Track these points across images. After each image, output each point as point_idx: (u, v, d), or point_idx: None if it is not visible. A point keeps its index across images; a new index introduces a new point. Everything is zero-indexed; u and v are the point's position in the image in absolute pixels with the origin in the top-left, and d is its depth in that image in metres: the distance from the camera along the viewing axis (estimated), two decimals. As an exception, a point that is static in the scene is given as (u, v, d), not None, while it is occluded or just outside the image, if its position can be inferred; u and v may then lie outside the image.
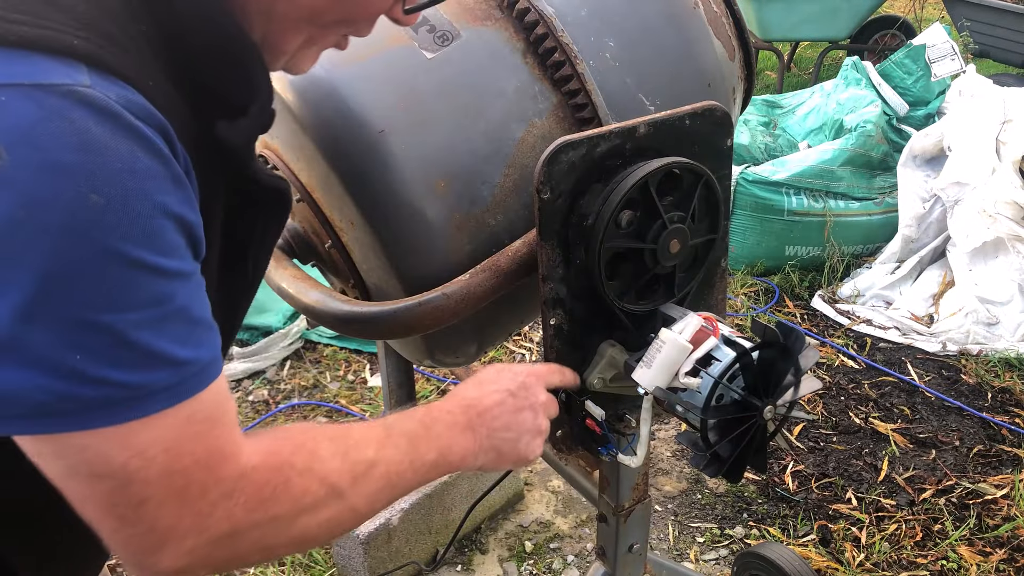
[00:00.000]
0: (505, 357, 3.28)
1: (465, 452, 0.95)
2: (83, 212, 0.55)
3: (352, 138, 1.12)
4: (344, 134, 1.12)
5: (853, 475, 2.68)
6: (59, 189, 0.55)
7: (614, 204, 1.05)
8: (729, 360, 1.00)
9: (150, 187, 0.59)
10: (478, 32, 1.19)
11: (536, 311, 1.30)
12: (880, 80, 4.24)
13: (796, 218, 3.69)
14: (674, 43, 1.27)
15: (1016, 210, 3.30)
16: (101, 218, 0.56)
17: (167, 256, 0.61)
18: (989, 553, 2.37)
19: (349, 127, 1.12)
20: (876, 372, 3.20)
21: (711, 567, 2.37)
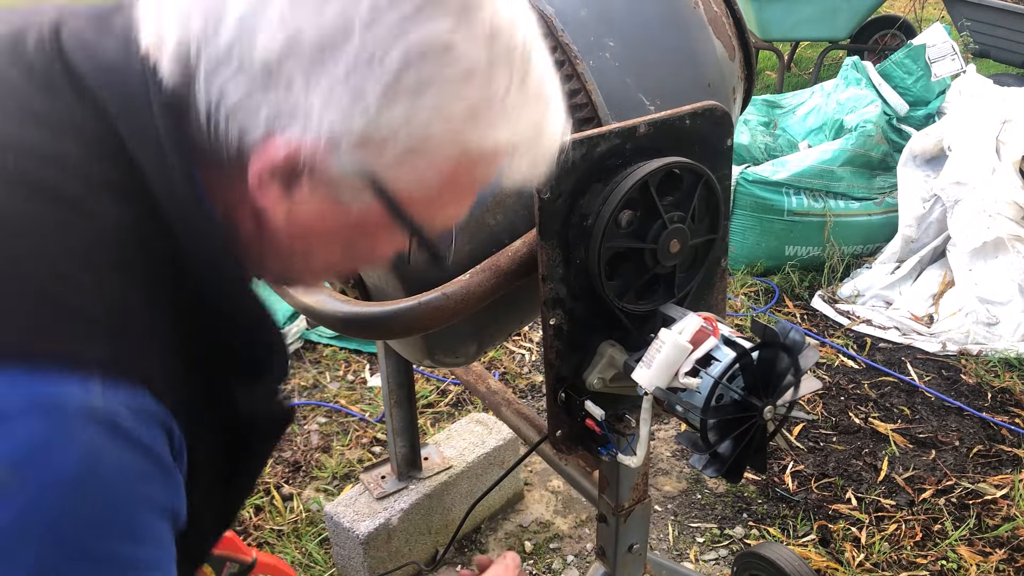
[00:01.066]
0: (505, 357, 3.28)
1: None
2: (76, 521, 0.58)
3: (352, 138, 1.11)
4: (344, 134, 1.12)
5: (853, 475, 2.68)
6: (57, 502, 0.57)
7: (614, 204, 1.05)
8: (729, 360, 1.00)
9: (144, 490, 0.62)
10: (478, 32, 1.19)
11: (536, 311, 1.30)
12: (880, 80, 4.24)
13: (796, 218, 3.69)
14: (674, 43, 1.27)
15: (1016, 210, 3.30)
16: (93, 525, 0.59)
17: (149, 545, 0.63)
18: (989, 553, 2.37)
19: (349, 127, 1.12)
20: (876, 372, 3.20)
21: (711, 567, 2.37)
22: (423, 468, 2.32)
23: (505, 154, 0.69)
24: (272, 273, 0.79)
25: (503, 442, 2.47)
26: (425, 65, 0.61)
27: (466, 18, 0.62)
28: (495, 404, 1.94)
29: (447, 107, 0.63)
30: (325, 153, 0.63)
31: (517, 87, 0.66)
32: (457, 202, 0.74)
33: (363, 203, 0.68)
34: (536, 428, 1.80)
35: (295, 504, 2.54)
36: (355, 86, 0.60)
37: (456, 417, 2.92)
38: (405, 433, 2.22)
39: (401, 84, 0.61)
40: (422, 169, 0.66)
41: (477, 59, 0.63)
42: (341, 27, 0.59)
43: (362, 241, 0.74)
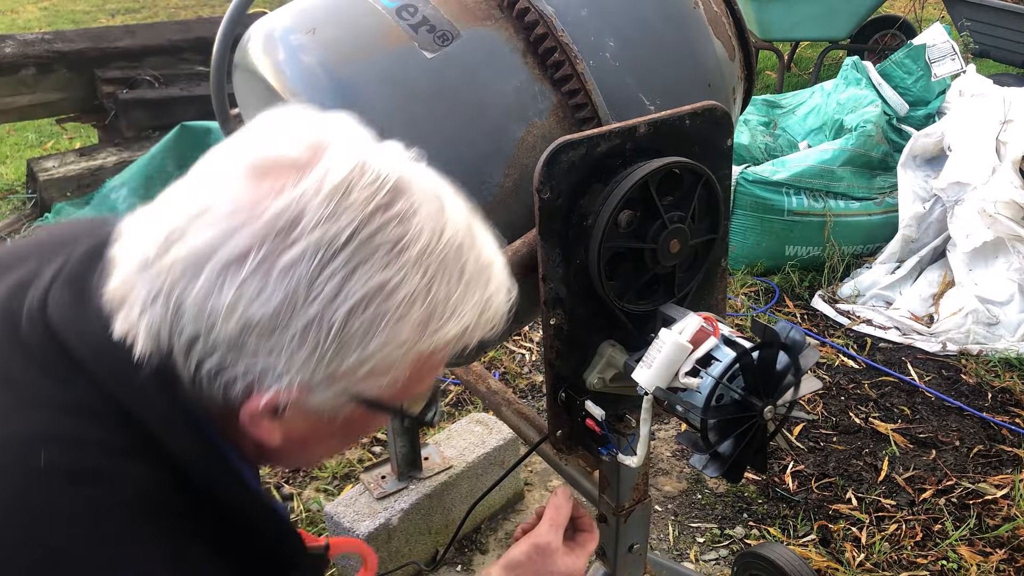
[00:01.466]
0: (505, 357, 3.28)
1: None
2: None
3: (352, 138, 1.11)
4: (344, 134, 1.12)
5: (853, 475, 2.68)
6: None
7: (614, 204, 1.05)
8: (729, 360, 1.00)
9: None
10: (478, 32, 1.19)
11: (536, 311, 1.30)
12: (880, 80, 4.24)
13: (796, 218, 3.69)
14: (674, 43, 1.27)
15: (1016, 210, 3.30)
16: None
17: None
18: (989, 553, 2.37)
19: (349, 127, 1.12)
20: (876, 372, 3.20)
21: (711, 567, 2.37)
22: (423, 468, 2.32)
23: (459, 338, 0.76)
24: (278, 467, 0.86)
25: (503, 442, 2.47)
26: (369, 311, 0.69)
27: (397, 256, 0.69)
28: (495, 404, 1.94)
29: (397, 335, 0.71)
30: (300, 395, 0.72)
31: (456, 284, 0.74)
32: (426, 381, 0.82)
33: (347, 411, 0.76)
34: (536, 428, 1.79)
35: (295, 504, 2.54)
36: (311, 345, 0.68)
37: (456, 417, 2.92)
38: (405, 433, 2.22)
39: (350, 333, 0.69)
40: (390, 377, 0.74)
41: (415, 285, 0.70)
42: (288, 306, 0.67)
43: (353, 431, 0.84)
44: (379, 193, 0.70)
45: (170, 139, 4.10)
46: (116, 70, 4.52)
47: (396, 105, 1.13)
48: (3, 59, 4.27)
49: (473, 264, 0.76)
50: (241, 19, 1.51)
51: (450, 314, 0.73)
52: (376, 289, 0.68)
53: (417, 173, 0.76)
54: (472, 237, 0.77)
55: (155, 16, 9.72)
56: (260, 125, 0.76)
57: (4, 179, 5.00)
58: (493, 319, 0.80)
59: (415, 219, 0.71)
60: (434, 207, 0.73)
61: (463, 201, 0.80)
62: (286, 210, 0.67)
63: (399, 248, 0.69)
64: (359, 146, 0.74)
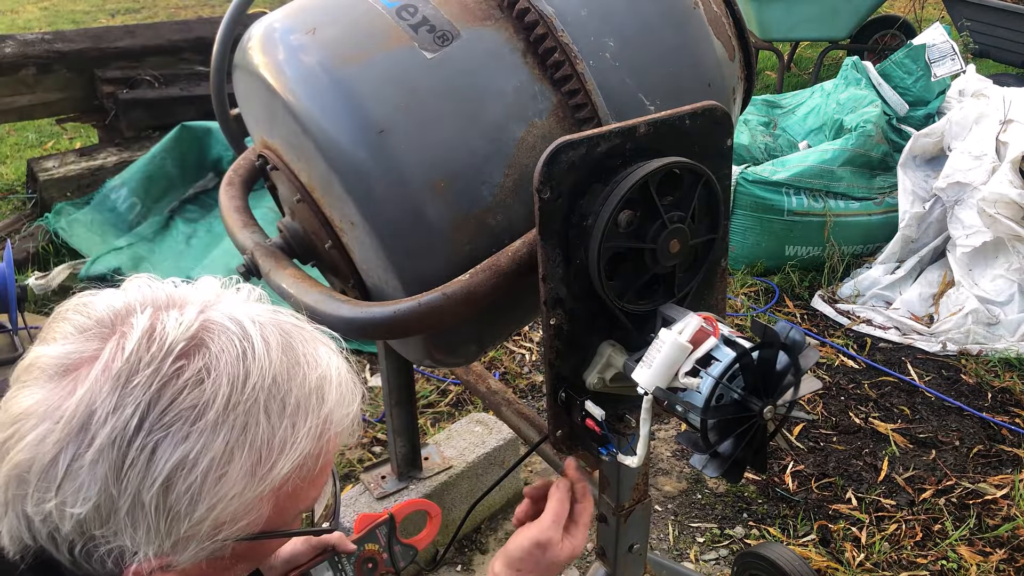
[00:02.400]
0: (505, 357, 3.28)
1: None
2: None
3: (352, 138, 1.11)
4: (344, 134, 1.12)
5: (853, 475, 2.68)
6: None
7: (614, 204, 1.05)
8: (729, 360, 1.00)
9: None
10: (478, 32, 1.19)
11: (536, 311, 1.30)
12: (880, 80, 4.24)
13: (796, 218, 3.69)
14: (674, 43, 1.27)
15: (1016, 210, 3.30)
16: None
17: None
18: (989, 553, 2.37)
19: (349, 127, 1.12)
20: (876, 372, 3.20)
21: (711, 567, 2.37)
22: (423, 468, 2.32)
23: (308, 459, 0.78)
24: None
25: (503, 442, 2.47)
26: (183, 482, 0.71)
27: (195, 423, 0.71)
28: (495, 404, 1.94)
29: (225, 490, 0.73)
30: (163, 560, 0.75)
31: (279, 420, 0.75)
32: (305, 496, 0.83)
33: (232, 548, 0.79)
34: (536, 428, 1.79)
35: (295, 504, 2.54)
36: (144, 523, 0.72)
37: (456, 417, 2.92)
38: (405, 433, 2.22)
39: (174, 505, 0.72)
40: (248, 519, 0.76)
41: (224, 442, 0.72)
42: (106, 498, 0.71)
43: (258, 555, 0.86)
44: (165, 364, 0.72)
45: (170, 139, 4.10)
46: (116, 70, 4.52)
47: (396, 105, 1.13)
48: (3, 59, 4.26)
49: (297, 392, 0.77)
50: (241, 19, 1.51)
51: (280, 450, 0.75)
52: (179, 463, 0.71)
53: (223, 318, 0.77)
54: (292, 365, 0.78)
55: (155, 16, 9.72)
56: (60, 317, 0.78)
57: (4, 179, 5.00)
58: (345, 428, 0.82)
59: (212, 376, 0.73)
60: (234, 355, 0.74)
61: (285, 322, 0.81)
62: (78, 408, 0.70)
63: (196, 414, 0.71)
64: (151, 313, 0.75)
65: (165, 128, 4.24)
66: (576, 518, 1.18)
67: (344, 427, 0.82)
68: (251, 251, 1.33)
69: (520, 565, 1.13)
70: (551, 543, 1.14)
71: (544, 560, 1.13)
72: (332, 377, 0.81)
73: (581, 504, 1.20)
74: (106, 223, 4.00)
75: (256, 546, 0.83)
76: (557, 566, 1.14)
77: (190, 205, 4.20)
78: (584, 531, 1.18)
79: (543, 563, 1.13)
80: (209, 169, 4.23)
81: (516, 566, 1.14)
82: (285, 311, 0.85)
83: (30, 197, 4.33)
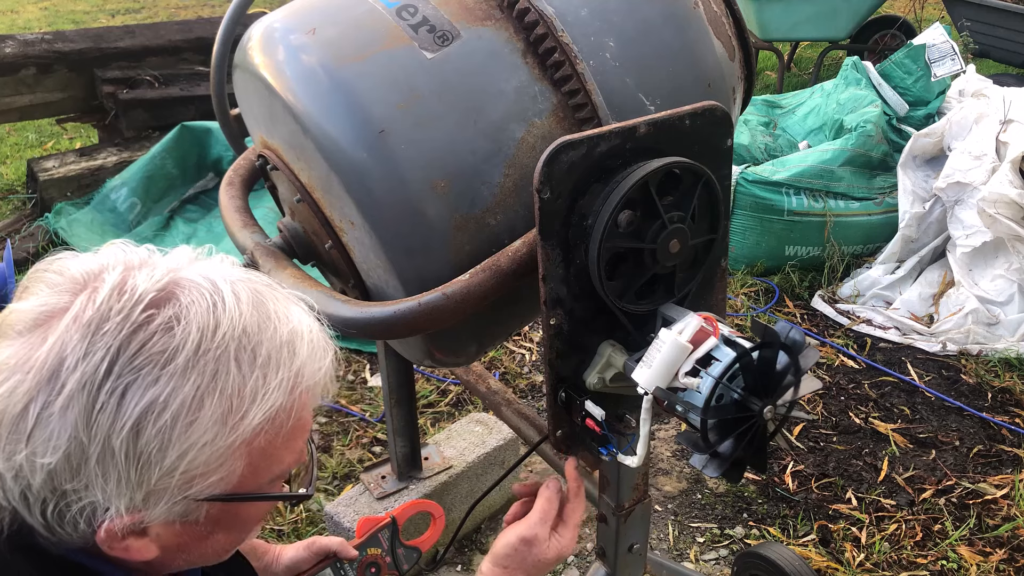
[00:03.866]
0: (505, 357, 3.28)
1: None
2: None
3: (352, 138, 1.12)
4: (344, 134, 1.12)
5: (853, 475, 2.68)
6: None
7: (614, 204, 1.05)
8: (729, 360, 1.00)
9: None
10: (478, 32, 1.19)
11: (536, 311, 1.30)
12: (880, 80, 4.24)
13: (796, 218, 3.69)
14: (674, 43, 1.27)
15: (1016, 210, 3.30)
16: None
17: None
18: (989, 553, 2.37)
19: (349, 127, 1.12)
20: (876, 372, 3.20)
21: (711, 567, 2.37)
22: (423, 468, 2.32)
23: (280, 413, 0.78)
24: (183, 569, 0.88)
25: (503, 442, 2.47)
26: (152, 427, 0.71)
27: (163, 368, 0.71)
28: (495, 404, 1.94)
29: (196, 437, 0.73)
30: (135, 516, 0.75)
31: (249, 370, 0.75)
32: (279, 459, 0.82)
33: (207, 511, 0.79)
34: (536, 428, 1.80)
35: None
36: (114, 473, 0.72)
37: (456, 417, 2.92)
38: (405, 433, 2.22)
39: (144, 452, 0.71)
40: (221, 473, 0.76)
41: (192, 388, 0.72)
42: (76, 446, 0.71)
43: (236, 523, 0.84)
44: (135, 312, 0.72)
45: (170, 139, 4.10)
46: (116, 70, 4.52)
47: (396, 105, 1.13)
48: (3, 59, 4.26)
49: (268, 345, 0.77)
50: (241, 19, 1.51)
51: (251, 400, 0.75)
52: (149, 406, 0.71)
53: (194, 275, 0.77)
54: (263, 319, 0.78)
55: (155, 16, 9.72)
56: (35, 277, 0.78)
57: (4, 179, 5.00)
58: (317, 382, 0.82)
59: (181, 324, 0.73)
60: (204, 306, 0.75)
61: (257, 282, 0.82)
62: (48, 357, 0.71)
63: (166, 358, 0.72)
64: (122, 271, 0.76)
65: (165, 128, 4.24)
66: (566, 517, 1.18)
67: (315, 382, 0.82)
68: (251, 251, 1.33)
69: (506, 562, 1.14)
70: (537, 540, 1.13)
71: (530, 557, 1.13)
72: (303, 332, 0.81)
73: (572, 504, 1.20)
74: (106, 223, 4.00)
75: (232, 512, 0.82)
76: (544, 564, 1.14)
77: (190, 205, 4.21)
78: (573, 531, 1.18)
79: (529, 560, 1.13)
80: (209, 169, 4.23)
81: (502, 563, 1.14)
82: (261, 275, 0.85)
83: (30, 197, 4.33)
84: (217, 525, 0.82)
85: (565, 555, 1.17)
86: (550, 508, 1.17)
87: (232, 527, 0.85)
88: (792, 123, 4.46)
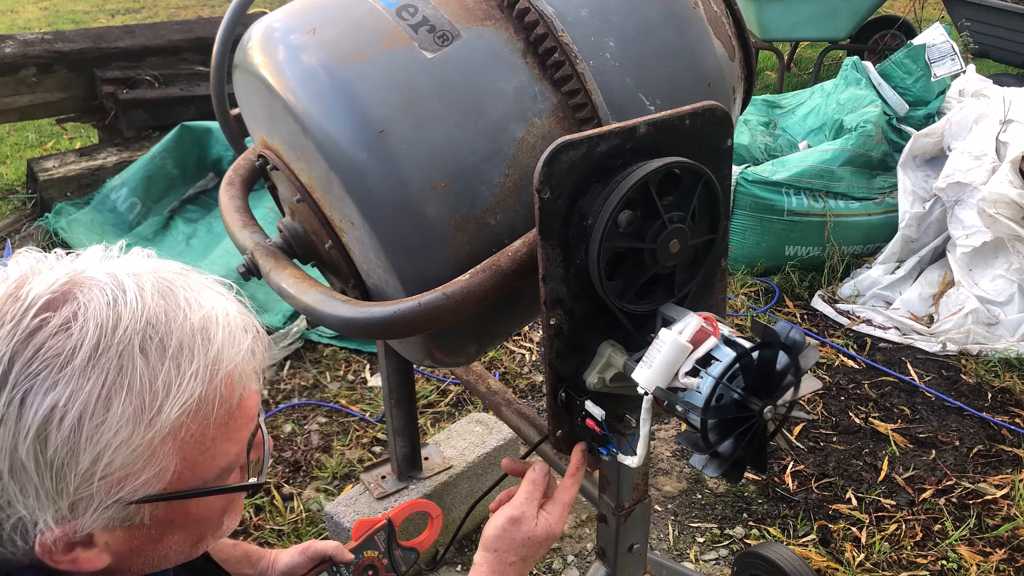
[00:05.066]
0: (505, 357, 3.28)
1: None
2: None
3: (352, 138, 1.12)
4: (344, 134, 1.12)
5: (853, 475, 2.68)
6: None
7: (614, 204, 1.05)
8: (729, 360, 1.00)
9: None
10: (478, 32, 1.19)
11: (536, 311, 1.30)
12: (880, 80, 4.24)
13: (796, 218, 3.69)
14: (674, 43, 1.27)
15: (1016, 210, 3.30)
16: None
17: None
18: (989, 553, 2.37)
19: (349, 127, 1.12)
20: (876, 372, 3.20)
21: (711, 567, 2.37)
22: (423, 468, 2.32)
23: (204, 403, 0.75)
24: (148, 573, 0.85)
25: (503, 442, 2.47)
26: (58, 433, 0.68)
27: (61, 370, 0.69)
28: (495, 404, 1.94)
29: (110, 437, 0.70)
30: (68, 527, 0.72)
31: (160, 361, 0.72)
32: (221, 447, 0.79)
33: (150, 513, 0.76)
34: (536, 428, 1.80)
35: (295, 504, 2.54)
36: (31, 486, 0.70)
37: (456, 417, 2.92)
38: (405, 433, 2.22)
39: (55, 460, 0.69)
40: (151, 471, 0.73)
41: (95, 387, 0.69)
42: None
43: (188, 522, 0.81)
44: (27, 316, 0.69)
45: (170, 139, 4.10)
46: (116, 70, 4.52)
47: (396, 105, 1.13)
48: (3, 59, 4.26)
49: (179, 334, 0.74)
50: (241, 19, 1.51)
51: (165, 393, 0.72)
52: (50, 411, 0.68)
53: (96, 272, 0.74)
54: (171, 307, 0.75)
55: (155, 16, 9.72)
56: None
57: (4, 179, 5.01)
58: (239, 366, 0.78)
59: (78, 322, 0.70)
60: (103, 302, 0.72)
61: (167, 272, 0.79)
62: None
63: (63, 361, 0.69)
64: (19, 277, 0.73)
65: (165, 128, 4.24)
66: (555, 496, 1.17)
67: (237, 365, 0.78)
68: (251, 251, 1.33)
69: (496, 545, 1.12)
70: (524, 518, 1.13)
71: (519, 536, 1.12)
72: (217, 317, 0.78)
73: (564, 483, 1.18)
74: (106, 223, 4.00)
75: (180, 511, 0.79)
76: (534, 543, 1.13)
77: (190, 205, 4.20)
78: (561, 509, 1.16)
79: (518, 539, 1.12)
80: (209, 169, 4.23)
81: (493, 546, 1.13)
82: (175, 264, 0.81)
83: (30, 197, 4.33)
84: (169, 526, 0.80)
85: (555, 533, 1.15)
86: (535, 488, 1.16)
87: (186, 526, 0.82)
88: (792, 123, 4.46)
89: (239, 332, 0.79)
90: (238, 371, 0.79)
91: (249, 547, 1.32)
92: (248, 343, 0.80)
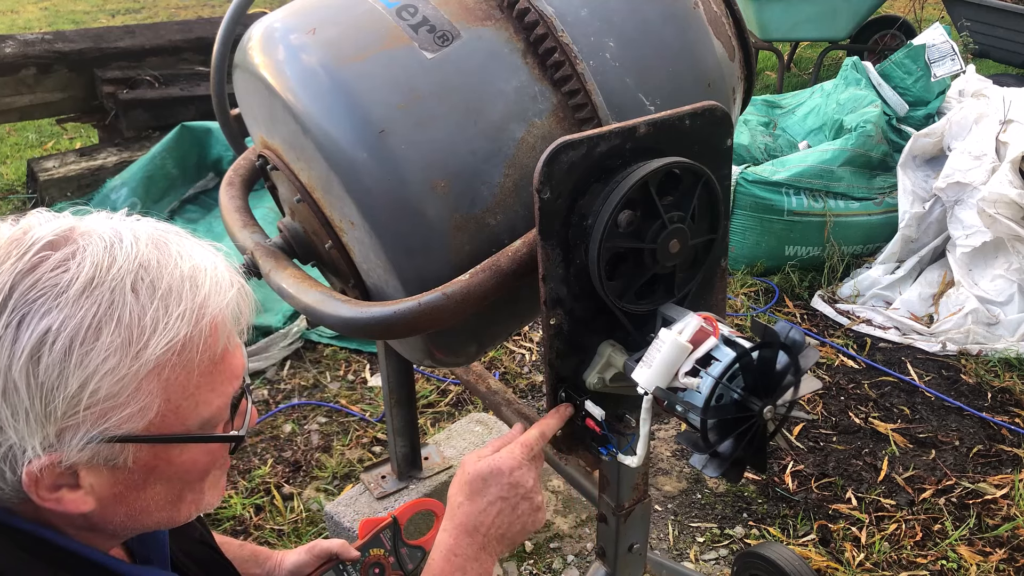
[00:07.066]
0: (505, 357, 3.28)
1: (489, 568, 1.10)
2: None
3: (352, 138, 1.12)
4: (344, 134, 1.12)
5: (853, 475, 2.68)
6: None
7: (614, 204, 1.05)
8: (729, 360, 1.00)
9: None
10: (478, 32, 1.19)
11: (536, 311, 1.30)
12: (880, 80, 4.24)
13: (796, 218, 3.69)
14: (674, 43, 1.27)
15: (1016, 210, 3.30)
16: None
17: None
18: (989, 553, 2.37)
19: (349, 127, 1.12)
20: (876, 372, 3.20)
21: (711, 567, 2.37)
22: (423, 468, 2.32)
23: (188, 345, 0.78)
24: (134, 533, 0.88)
25: (503, 442, 2.47)
26: (49, 355, 0.72)
27: (56, 299, 0.73)
28: (495, 404, 1.94)
29: (97, 365, 0.73)
30: (55, 457, 0.75)
31: (149, 301, 0.76)
32: (205, 397, 0.82)
33: (133, 454, 0.79)
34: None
35: (295, 504, 2.54)
36: (22, 408, 0.73)
37: (456, 417, 2.92)
38: (405, 433, 2.22)
39: (44, 382, 0.72)
40: (134, 407, 0.76)
41: (86, 316, 0.73)
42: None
43: (171, 472, 0.83)
44: (29, 253, 0.75)
45: (170, 139, 4.10)
46: (116, 70, 4.52)
47: (396, 105, 1.13)
48: (3, 59, 4.27)
49: (169, 278, 0.78)
50: (241, 19, 1.51)
51: (152, 329, 0.76)
52: (44, 334, 0.72)
53: (97, 224, 0.80)
54: (164, 256, 0.80)
55: (155, 16, 9.72)
56: None
57: (4, 179, 5.01)
58: (222, 312, 0.82)
59: (75, 260, 0.75)
60: (101, 246, 0.77)
61: (164, 230, 0.83)
62: None
63: (58, 291, 0.73)
64: (25, 225, 0.79)
65: (165, 128, 4.24)
66: (518, 439, 1.14)
67: (221, 311, 0.82)
68: (251, 251, 1.33)
69: (461, 495, 1.09)
70: (479, 455, 1.11)
71: (481, 472, 1.09)
72: (207, 267, 0.82)
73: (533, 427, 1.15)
74: (106, 223, 4.00)
75: (164, 458, 0.82)
76: (500, 475, 1.09)
77: (190, 205, 4.21)
78: (521, 448, 1.12)
79: (482, 474, 1.09)
80: (209, 169, 4.23)
81: (457, 498, 1.10)
82: (172, 226, 0.86)
83: (30, 197, 4.33)
84: (152, 473, 0.82)
85: (517, 465, 1.10)
86: (498, 442, 1.15)
87: (169, 478, 0.84)
88: (792, 123, 4.47)
89: (225, 283, 0.83)
90: (223, 319, 0.82)
91: (256, 547, 1.34)
92: (233, 295, 0.84)
